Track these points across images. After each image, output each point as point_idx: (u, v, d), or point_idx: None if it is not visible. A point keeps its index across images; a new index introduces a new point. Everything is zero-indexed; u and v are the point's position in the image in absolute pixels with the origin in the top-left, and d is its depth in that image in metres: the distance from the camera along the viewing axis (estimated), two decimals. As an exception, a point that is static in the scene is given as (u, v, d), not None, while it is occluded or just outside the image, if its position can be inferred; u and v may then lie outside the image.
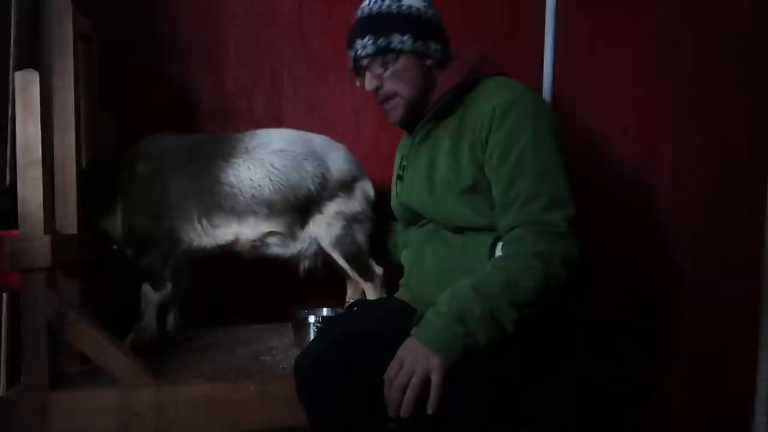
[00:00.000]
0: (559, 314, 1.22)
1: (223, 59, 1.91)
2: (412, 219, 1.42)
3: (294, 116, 1.93)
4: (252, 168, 1.55)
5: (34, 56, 1.63)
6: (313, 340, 1.36)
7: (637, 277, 2.12)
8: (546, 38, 1.84)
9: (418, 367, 1.05)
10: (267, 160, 1.56)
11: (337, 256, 1.61)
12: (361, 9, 1.34)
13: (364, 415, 1.16)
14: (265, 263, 1.64)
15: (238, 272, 1.72)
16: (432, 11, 1.34)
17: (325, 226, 1.59)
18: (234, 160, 1.55)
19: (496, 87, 1.27)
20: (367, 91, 1.36)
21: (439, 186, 1.28)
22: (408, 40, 1.29)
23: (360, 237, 1.61)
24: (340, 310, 1.63)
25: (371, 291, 1.63)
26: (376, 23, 1.30)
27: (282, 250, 1.61)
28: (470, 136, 1.24)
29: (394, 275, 1.56)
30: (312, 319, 1.61)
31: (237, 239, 1.58)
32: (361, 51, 1.32)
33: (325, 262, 1.67)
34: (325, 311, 1.68)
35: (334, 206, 1.59)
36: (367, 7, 1.33)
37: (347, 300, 1.72)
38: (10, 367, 1.58)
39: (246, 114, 1.92)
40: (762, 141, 2.11)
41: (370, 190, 1.65)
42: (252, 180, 1.54)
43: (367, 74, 1.34)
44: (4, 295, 1.58)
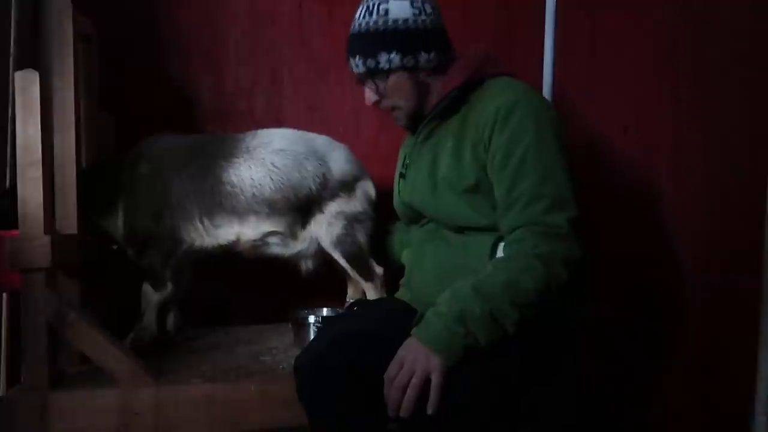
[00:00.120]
0: (560, 314, 1.22)
1: (223, 59, 1.91)
2: (413, 218, 1.42)
3: (294, 116, 1.93)
4: (253, 167, 1.55)
5: (34, 56, 1.63)
6: (313, 340, 1.36)
7: (637, 277, 2.11)
8: (546, 38, 1.83)
9: (418, 367, 1.05)
10: (268, 160, 1.56)
11: (337, 256, 1.61)
12: (352, 25, 1.33)
13: (364, 415, 1.16)
14: (266, 263, 1.64)
15: (238, 272, 1.72)
16: (423, 18, 1.29)
17: (326, 226, 1.59)
18: (235, 160, 1.55)
19: (500, 87, 1.26)
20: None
21: (441, 185, 1.28)
22: (395, 58, 1.28)
23: (361, 237, 1.61)
24: (340, 310, 1.63)
25: (371, 291, 1.63)
26: (364, 42, 1.30)
27: (283, 249, 1.62)
28: (473, 136, 1.24)
29: (395, 275, 1.56)
30: (312, 319, 1.61)
31: (238, 239, 1.58)
32: (354, 69, 1.34)
33: (325, 262, 1.67)
34: (325, 311, 1.68)
35: (335, 206, 1.59)
36: (356, 25, 1.32)
37: (347, 300, 1.72)
38: (10, 367, 1.58)
39: (246, 114, 1.92)
40: (762, 141, 2.11)
41: (371, 190, 1.65)
42: (253, 179, 1.54)
43: (365, 89, 1.36)
44: (4, 295, 1.58)
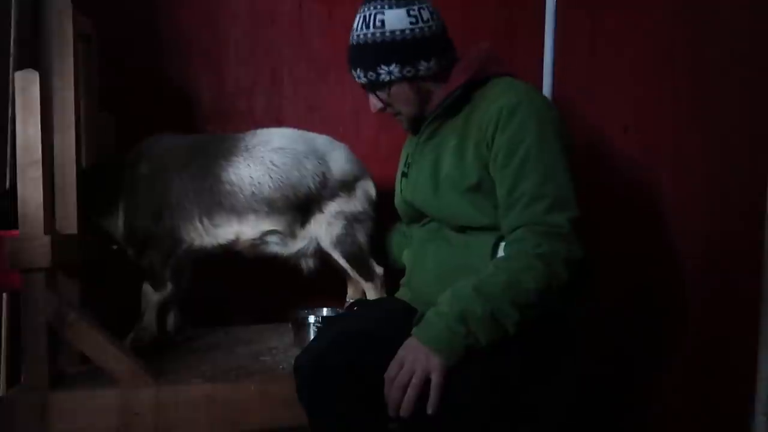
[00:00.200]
0: (560, 314, 1.22)
1: (223, 59, 1.91)
2: (415, 217, 1.41)
3: (294, 116, 1.93)
4: (252, 165, 1.55)
5: (34, 56, 1.63)
6: (313, 340, 1.36)
7: (637, 277, 2.11)
8: (546, 38, 1.83)
9: (419, 366, 1.05)
10: (267, 158, 1.55)
11: (337, 256, 1.61)
12: (351, 36, 1.33)
13: (364, 415, 1.16)
14: (266, 263, 1.64)
15: (238, 272, 1.72)
16: (421, 26, 1.27)
17: (326, 226, 1.59)
18: (234, 159, 1.55)
19: (503, 87, 1.27)
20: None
21: (443, 184, 1.28)
22: (395, 69, 1.28)
23: (361, 237, 1.61)
24: (340, 310, 1.64)
25: (372, 291, 1.63)
26: (362, 55, 1.30)
27: (282, 248, 1.61)
28: (476, 135, 1.24)
29: (395, 275, 1.56)
30: (312, 319, 1.61)
31: (237, 238, 1.57)
32: (356, 80, 1.35)
33: (325, 262, 1.67)
34: (325, 311, 1.68)
35: (335, 206, 1.59)
36: (354, 36, 1.31)
37: (347, 300, 1.72)
38: (10, 367, 1.58)
39: (246, 114, 1.92)
40: (762, 141, 2.11)
41: (372, 190, 1.64)
42: (252, 177, 1.54)
43: (369, 97, 1.37)
44: (4, 295, 1.58)
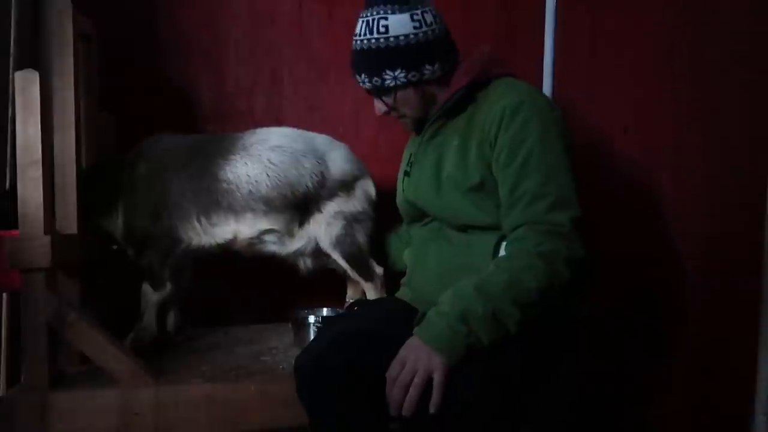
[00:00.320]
0: (561, 313, 1.22)
1: (223, 59, 1.90)
2: (416, 216, 1.42)
3: (294, 116, 1.93)
4: (249, 164, 1.54)
5: (34, 56, 1.62)
6: (313, 340, 1.36)
7: (637, 278, 2.11)
8: (546, 38, 1.83)
9: (421, 366, 1.05)
10: (264, 156, 1.55)
11: (337, 257, 1.60)
12: (354, 41, 1.32)
13: (364, 415, 1.16)
14: (266, 263, 1.64)
15: (238, 272, 1.72)
16: (425, 30, 1.27)
17: (325, 226, 1.59)
18: (232, 157, 1.55)
19: (505, 88, 1.27)
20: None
21: (446, 184, 1.28)
22: (400, 75, 1.28)
23: (360, 237, 1.60)
24: (340, 310, 1.63)
25: (372, 291, 1.62)
26: (367, 60, 1.30)
27: (280, 248, 1.60)
28: (479, 135, 1.24)
29: (395, 275, 1.56)
30: (312, 319, 1.61)
31: (235, 237, 1.57)
32: (360, 84, 1.35)
33: (325, 262, 1.67)
34: (325, 311, 1.68)
35: (334, 205, 1.58)
36: (358, 42, 1.31)
37: (347, 300, 1.72)
38: (10, 367, 1.58)
39: (246, 114, 1.91)
40: (762, 141, 2.11)
41: (372, 190, 1.63)
42: (249, 176, 1.53)
43: (374, 101, 1.37)
44: (4, 295, 1.58)
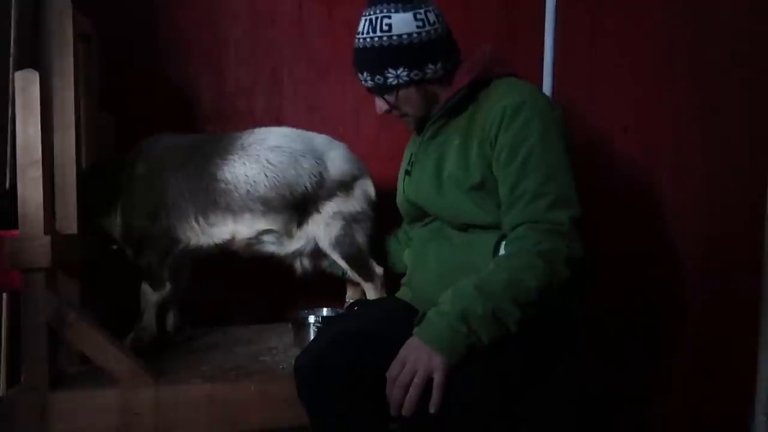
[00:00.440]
0: (561, 313, 1.22)
1: (223, 59, 1.90)
2: (417, 216, 1.42)
3: (294, 116, 1.93)
4: (247, 164, 1.53)
5: (34, 56, 1.63)
6: (313, 340, 1.36)
7: (637, 277, 2.11)
8: (546, 38, 1.83)
9: (421, 366, 1.05)
10: (263, 156, 1.54)
11: (336, 257, 1.60)
12: (356, 39, 1.32)
13: (364, 415, 1.16)
14: (266, 263, 1.64)
15: (237, 272, 1.72)
16: (428, 29, 1.27)
17: (324, 226, 1.58)
18: (230, 157, 1.54)
19: (506, 87, 1.27)
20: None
21: (447, 183, 1.28)
22: (403, 73, 1.28)
23: (360, 237, 1.60)
24: (340, 310, 1.63)
25: (371, 291, 1.62)
26: (370, 59, 1.30)
27: (278, 248, 1.60)
28: (480, 134, 1.24)
29: (395, 275, 1.56)
30: (312, 319, 1.61)
31: (233, 237, 1.56)
32: (362, 83, 1.35)
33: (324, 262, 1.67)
34: (325, 311, 1.68)
35: (333, 206, 1.58)
36: (360, 40, 1.31)
37: (347, 300, 1.72)
38: (10, 367, 1.58)
39: (246, 114, 1.91)
40: (762, 141, 2.11)
41: (371, 190, 1.63)
42: (247, 176, 1.53)
43: (376, 99, 1.37)
44: (4, 295, 1.58)
